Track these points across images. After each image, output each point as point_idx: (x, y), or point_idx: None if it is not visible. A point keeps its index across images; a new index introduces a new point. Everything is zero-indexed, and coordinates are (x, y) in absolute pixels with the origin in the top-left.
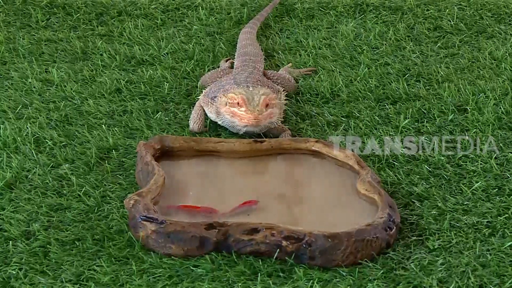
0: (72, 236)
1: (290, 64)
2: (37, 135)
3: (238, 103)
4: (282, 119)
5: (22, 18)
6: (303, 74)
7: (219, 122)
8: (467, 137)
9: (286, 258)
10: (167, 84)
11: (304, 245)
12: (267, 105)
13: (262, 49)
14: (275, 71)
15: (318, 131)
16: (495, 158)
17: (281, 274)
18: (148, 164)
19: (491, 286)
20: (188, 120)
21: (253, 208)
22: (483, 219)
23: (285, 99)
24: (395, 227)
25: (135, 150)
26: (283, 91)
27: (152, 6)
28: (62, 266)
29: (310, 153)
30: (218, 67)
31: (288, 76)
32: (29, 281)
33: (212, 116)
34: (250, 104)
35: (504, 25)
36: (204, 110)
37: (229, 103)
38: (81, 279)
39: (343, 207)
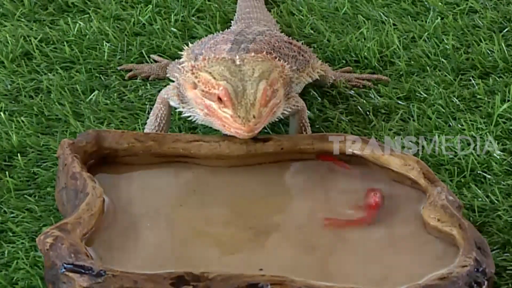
0: None
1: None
2: None
3: (219, 98)
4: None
5: None
6: (362, 83)
7: (183, 112)
8: None
9: None
10: (108, 44)
11: None
12: (268, 100)
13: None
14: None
15: (358, 123)
16: None
17: None
18: (76, 177)
19: None
20: (146, 112)
21: None
22: None
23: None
24: (486, 282)
25: (55, 154)
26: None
27: None
28: None
29: (345, 158)
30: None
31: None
32: None
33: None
34: (241, 104)
35: None
36: (167, 110)
37: (203, 90)
38: None
39: (399, 248)
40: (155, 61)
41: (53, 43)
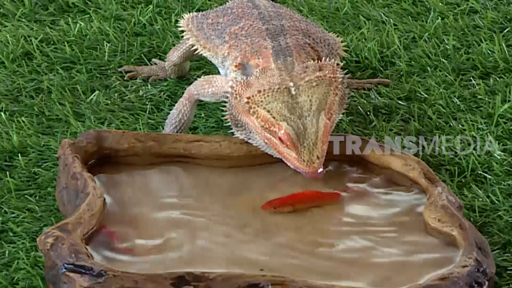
0: None
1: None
2: None
3: (280, 139)
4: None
5: None
6: (363, 86)
7: (236, 134)
8: None
9: None
10: (109, 44)
11: None
12: (329, 134)
13: None
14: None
15: (358, 123)
16: None
17: None
18: (77, 177)
19: None
20: (165, 121)
21: None
22: None
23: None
24: (487, 282)
25: (55, 154)
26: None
27: None
28: None
29: (345, 159)
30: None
31: (332, 36)
32: None
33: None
34: (303, 146)
35: None
36: (191, 107)
37: (262, 126)
38: None
39: (399, 249)
40: (155, 64)
41: (54, 43)
